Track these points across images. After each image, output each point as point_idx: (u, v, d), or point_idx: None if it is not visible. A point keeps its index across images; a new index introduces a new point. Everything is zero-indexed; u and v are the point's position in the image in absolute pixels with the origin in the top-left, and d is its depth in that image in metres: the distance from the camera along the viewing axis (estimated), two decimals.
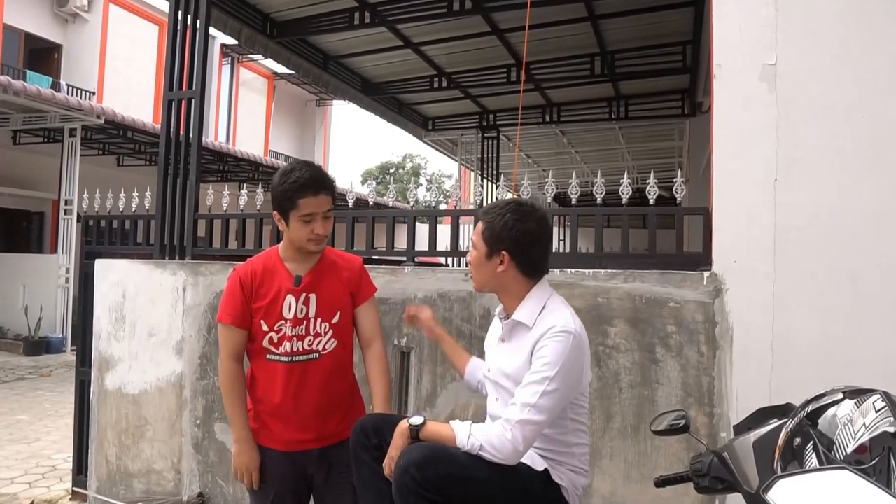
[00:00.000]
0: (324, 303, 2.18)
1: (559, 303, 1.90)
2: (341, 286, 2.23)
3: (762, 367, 2.38)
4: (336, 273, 2.24)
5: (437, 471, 1.65)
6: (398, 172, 36.31)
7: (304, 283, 2.17)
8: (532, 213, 1.90)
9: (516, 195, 3.66)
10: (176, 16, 3.91)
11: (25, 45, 14.36)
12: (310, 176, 2.08)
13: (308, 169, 2.11)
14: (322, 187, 2.09)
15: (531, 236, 1.88)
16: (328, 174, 2.17)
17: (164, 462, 3.49)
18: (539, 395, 1.69)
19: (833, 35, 2.40)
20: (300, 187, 2.06)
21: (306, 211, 2.07)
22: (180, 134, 3.82)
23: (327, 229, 2.14)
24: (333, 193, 2.15)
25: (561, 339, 1.74)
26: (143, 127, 10.75)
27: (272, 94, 20.90)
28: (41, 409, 6.38)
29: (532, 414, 1.68)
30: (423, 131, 10.51)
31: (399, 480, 1.66)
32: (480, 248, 1.90)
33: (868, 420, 1.09)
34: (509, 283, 1.90)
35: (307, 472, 2.22)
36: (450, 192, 31.74)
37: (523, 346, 1.82)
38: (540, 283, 1.92)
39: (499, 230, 1.87)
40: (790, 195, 2.39)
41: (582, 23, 6.33)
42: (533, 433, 1.70)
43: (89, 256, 3.94)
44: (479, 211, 2.00)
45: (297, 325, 2.15)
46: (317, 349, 2.17)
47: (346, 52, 7.37)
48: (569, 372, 1.73)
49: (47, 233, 12.60)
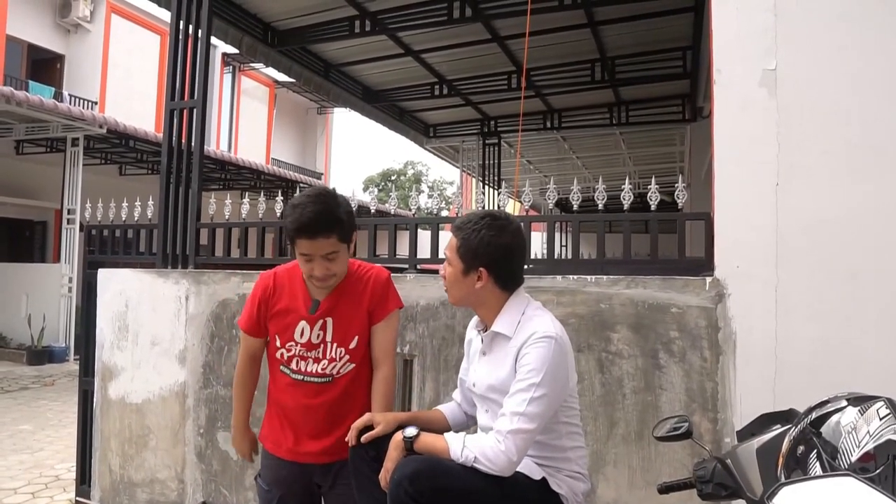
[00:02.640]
0: (341, 328, 2.12)
1: (537, 309, 1.90)
2: (360, 308, 2.13)
3: (765, 372, 2.38)
4: (356, 293, 2.14)
5: (431, 483, 1.64)
6: (400, 179, 36.36)
7: (321, 310, 2.10)
8: (507, 226, 1.88)
9: (518, 201, 3.66)
10: (177, 26, 3.93)
11: (28, 55, 14.43)
12: (307, 219, 1.92)
13: (311, 208, 1.94)
14: (318, 231, 1.93)
15: (508, 250, 1.87)
16: (337, 212, 1.98)
17: (167, 471, 3.49)
18: (527, 402, 1.68)
19: (832, 40, 2.40)
20: (296, 229, 1.95)
21: (302, 251, 1.99)
22: (182, 143, 3.83)
23: (331, 269, 2.01)
24: (340, 233, 1.98)
25: (543, 344, 1.73)
26: (145, 136, 10.78)
27: (273, 102, 20.96)
28: (44, 419, 6.37)
29: (522, 422, 1.67)
30: (425, 138, 10.54)
31: (393, 493, 1.65)
32: (456, 265, 1.87)
33: (872, 428, 1.09)
34: (487, 297, 1.89)
35: (313, 479, 2.21)
36: (451, 199, 31.62)
37: (506, 357, 1.81)
38: (516, 292, 1.92)
39: (475, 247, 1.85)
40: (791, 200, 2.39)
41: (582, 29, 6.35)
42: (525, 442, 1.69)
43: (92, 266, 3.94)
44: (452, 226, 1.93)
45: (312, 349, 2.12)
46: (331, 373, 2.12)
47: (347, 60, 7.40)
48: (554, 376, 1.73)
49: (50, 242, 12.63)
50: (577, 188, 2.92)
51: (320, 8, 5.93)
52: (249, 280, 3.30)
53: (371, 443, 1.85)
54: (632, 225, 2.82)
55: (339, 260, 2.03)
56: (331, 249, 1.98)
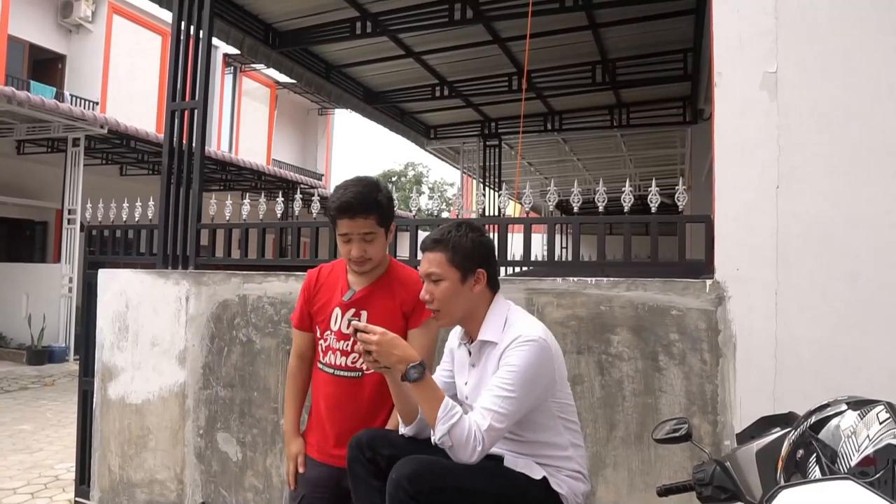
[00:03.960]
0: (374, 321, 2.09)
1: (519, 313, 1.92)
2: (395, 307, 2.15)
3: (765, 375, 2.38)
4: (392, 292, 2.17)
5: (431, 483, 1.64)
6: (400, 181, 36.39)
7: (354, 298, 2.15)
8: (482, 228, 1.97)
9: (518, 203, 3.66)
10: (179, 26, 3.94)
11: (30, 55, 14.43)
12: (348, 197, 2.04)
13: (353, 189, 2.06)
14: (358, 211, 2.03)
15: (493, 248, 1.97)
16: (377, 196, 2.08)
17: (166, 472, 3.49)
18: (502, 399, 1.69)
19: (832, 44, 2.41)
20: (337, 208, 2.06)
21: (342, 231, 2.08)
22: (183, 143, 3.83)
23: (368, 252, 2.08)
24: (379, 216, 2.07)
25: (525, 348, 1.74)
26: (146, 137, 10.79)
27: (274, 103, 20.97)
28: (44, 419, 6.37)
29: (493, 419, 1.68)
30: (425, 140, 10.54)
31: (392, 494, 1.65)
32: (452, 275, 1.86)
33: (872, 432, 1.09)
34: (478, 303, 1.90)
35: (341, 483, 2.12)
36: (452, 201, 31.72)
37: (495, 364, 1.81)
38: (496, 297, 1.94)
39: (469, 249, 1.87)
40: (791, 202, 2.39)
41: (583, 31, 6.36)
42: (492, 439, 1.69)
43: (92, 266, 3.94)
44: (425, 244, 1.93)
45: (343, 339, 2.14)
46: (360, 368, 2.13)
47: (348, 62, 7.41)
48: (532, 380, 1.73)
49: (50, 242, 12.64)
50: (577, 190, 2.92)
51: (322, 9, 5.93)
52: (250, 281, 3.31)
53: (368, 446, 1.86)
54: (632, 227, 2.82)
55: (376, 243, 2.09)
56: (368, 230, 2.06)
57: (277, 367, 3.19)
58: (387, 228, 2.13)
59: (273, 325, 3.22)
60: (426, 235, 1.98)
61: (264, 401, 3.24)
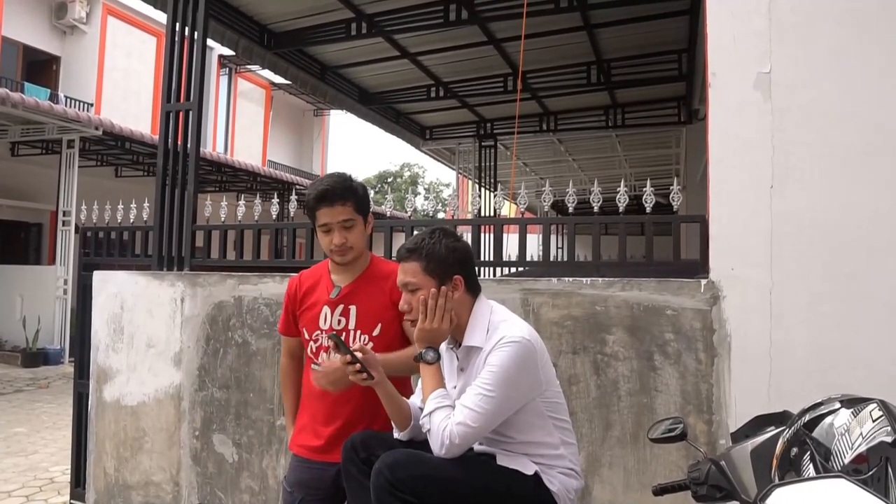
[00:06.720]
0: (363, 314, 2.16)
1: (503, 313, 1.92)
2: (385, 297, 2.17)
3: (760, 374, 2.39)
4: (380, 284, 2.19)
5: (410, 472, 1.67)
6: (396, 181, 36.35)
7: (341, 294, 2.17)
8: (455, 233, 1.97)
9: (514, 203, 3.67)
10: (174, 28, 3.93)
11: (24, 57, 14.37)
12: (324, 186, 2.12)
13: (329, 179, 2.15)
14: (336, 197, 2.10)
15: (469, 253, 1.95)
16: (353, 184, 2.16)
17: (162, 474, 3.48)
18: (480, 398, 1.71)
19: (826, 44, 2.42)
20: (314, 198, 2.12)
21: (322, 221, 2.13)
22: (178, 145, 3.83)
23: (348, 239, 2.13)
24: (356, 203, 2.14)
25: (507, 348, 1.75)
26: (141, 138, 10.76)
27: (270, 104, 20.93)
28: (39, 422, 6.35)
29: (469, 418, 1.70)
30: (421, 140, 10.54)
31: (374, 483, 1.69)
32: (429, 285, 1.84)
33: (865, 430, 1.09)
34: (459, 309, 1.89)
35: (336, 482, 2.13)
36: (448, 201, 31.77)
37: (480, 368, 1.81)
38: (478, 299, 1.93)
39: (444, 256, 1.86)
40: (786, 202, 2.40)
41: (578, 32, 6.36)
42: (468, 438, 1.72)
43: (87, 268, 3.93)
44: (400, 254, 1.92)
45: None
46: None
47: (344, 63, 7.40)
48: (513, 380, 1.74)
49: (45, 244, 12.58)
50: (572, 190, 2.93)
51: (317, 10, 5.92)
52: (245, 282, 3.30)
53: (362, 446, 1.87)
54: (627, 227, 2.83)
55: (355, 230, 2.15)
56: (347, 216, 2.12)
57: (273, 369, 3.18)
58: (365, 217, 2.19)
59: (269, 327, 3.22)
60: (401, 245, 1.98)
61: (260, 402, 3.23)
